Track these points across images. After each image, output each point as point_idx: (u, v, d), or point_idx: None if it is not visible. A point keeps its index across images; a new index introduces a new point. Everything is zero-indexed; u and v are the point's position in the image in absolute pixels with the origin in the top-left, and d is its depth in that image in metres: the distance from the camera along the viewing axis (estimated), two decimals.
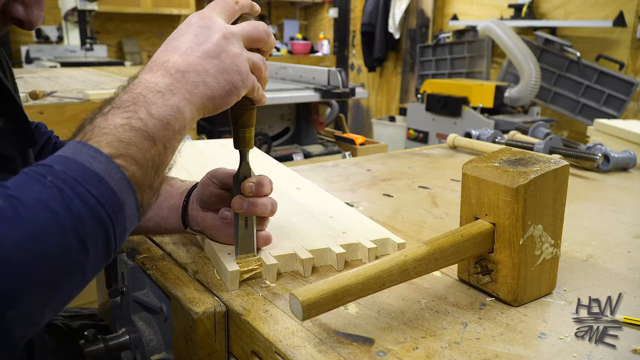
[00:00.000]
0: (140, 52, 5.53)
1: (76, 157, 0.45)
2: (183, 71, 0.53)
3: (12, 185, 0.41)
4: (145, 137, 0.48)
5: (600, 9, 3.53)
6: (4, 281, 0.37)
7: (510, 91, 3.40)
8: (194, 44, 0.55)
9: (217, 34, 0.56)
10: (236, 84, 0.56)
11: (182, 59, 0.54)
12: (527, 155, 0.64)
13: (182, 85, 0.53)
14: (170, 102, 0.51)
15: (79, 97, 2.16)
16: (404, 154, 1.45)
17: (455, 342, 0.55)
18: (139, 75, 0.53)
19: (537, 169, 0.59)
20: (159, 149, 0.50)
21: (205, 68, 0.54)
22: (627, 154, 1.31)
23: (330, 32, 6.36)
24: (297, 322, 0.58)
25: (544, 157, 0.63)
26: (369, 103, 5.73)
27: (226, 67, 0.55)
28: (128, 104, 0.49)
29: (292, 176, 1.07)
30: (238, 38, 0.57)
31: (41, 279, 0.40)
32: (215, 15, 0.58)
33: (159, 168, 0.51)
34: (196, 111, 0.54)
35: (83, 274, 0.44)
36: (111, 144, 0.46)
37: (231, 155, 1.22)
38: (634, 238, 0.86)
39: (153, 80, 0.52)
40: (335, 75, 2.77)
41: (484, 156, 0.65)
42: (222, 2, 0.60)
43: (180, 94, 0.52)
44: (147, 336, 0.74)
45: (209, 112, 0.57)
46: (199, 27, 0.56)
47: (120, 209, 0.46)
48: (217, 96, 0.55)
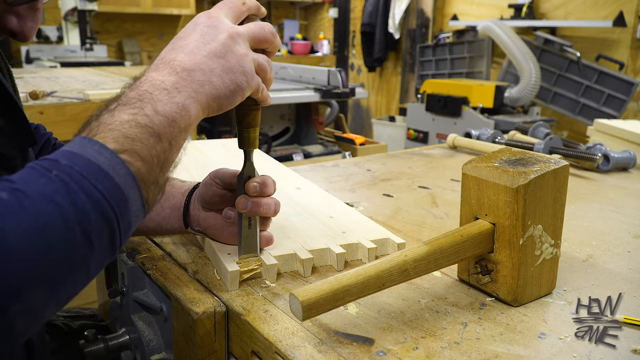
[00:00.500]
0: (140, 52, 5.53)
1: (81, 152, 0.45)
2: (189, 70, 0.54)
3: (17, 179, 0.41)
4: (151, 133, 0.49)
5: (600, 9, 3.53)
6: (8, 274, 0.37)
7: (510, 91, 3.40)
8: (200, 43, 0.55)
9: (223, 33, 0.56)
10: (241, 84, 0.57)
11: (189, 58, 0.54)
12: (527, 155, 0.64)
13: (188, 84, 0.53)
14: (176, 100, 0.52)
15: (79, 97, 2.16)
16: (404, 154, 1.45)
17: (455, 342, 0.55)
18: (145, 73, 0.54)
19: (537, 169, 0.59)
20: (165, 146, 0.50)
21: (211, 67, 0.55)
22: (627, 154, 1.31)
23: (330, 32, 6.36)
24: (297, 322, 0.58)
25: (544, 157, 0.63)
26: (369, 103, 5.73)
27: (232, 67, 0.56)
28: (134, 100, 0.50)
29: (292, 176, 1.07)
30: (244, 38, 0.58)
31: (45, 273, 0.40)
32: (223, 15, 0.58)
33: (164, 165, 0.51)
34: (201, 110, 0.54)
35: (87, 269, 0.44)
36: (116, 140, 0.47)
37: (232, 154, 1.23)
38: (634, 238, 0.86)
39: (159, 78, 0.52)
40: (335, 75, 2.77)
41: (484, 156, 0.65)
42: (230, 3, 0.60)
43: (186, 92, 0.53)
44: (147, 336, 0.74)
45: (214, 111, 0.57)
46: (205, 27, 0.57)
47: (124, 204, 0.46)
48: (222, 96, 0.56)
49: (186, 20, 5.85)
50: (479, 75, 4.05)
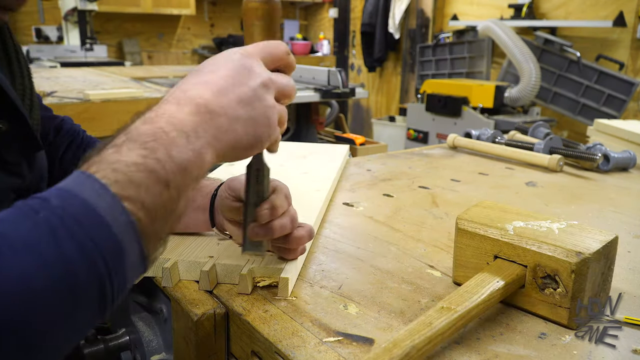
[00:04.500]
0: (140, 52, 5.53)
1: (78, 191, 0.39)
2: (213, 112, 0.48)
3: (0, 221, 0.37)
4: (159, 180, 0.43)
5: (600, 9, 3.53)
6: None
7: (510, 91, 3.40)
8: (230, 84, 0.50)
9: (257, 79, 0.51)
10: (262, 137, 0.52)
11: (216, 99, 0.48)
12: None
13: (209, 128, 0.47)
14: (193, 146, 0.45)
15: (79, 97, 2.16)
16: (404, 154, 1.45)
17: (455, 342, 0.55)
18: (161, 105, 0.47)
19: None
20: (172, 195, 0.44)
21: (238, 114, 0.49)
22: (627, 154, 1.31)
23: (330, 32, 6.36)
24: (297, 322, 0.58)
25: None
26: (369, 103, 5.73)
27: (257, 117, 0.51)
28: (147, 138, 0.43)
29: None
30: (275, 88, 0.53)
31: (22, 329, 0.34)
32: (259, 58, 0.54)
33: (169, 216, 0.45)
34: (216, 157, 0.49)
35: (72, 328, 0.38)
36: (119, 183, 0.40)
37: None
38: (634, 238, 0.86)
39: (179, 116, 0.46)
40: (335, 75, 2.77)
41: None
42: (273, 48, 0.55)
43: (205, 138, 0.47)
44: (147, 337, 0.74)
45: (227, 160, 0.52)
46: (240, 66, 0.51)
47: (121, 258, 0.40)
48: (240, 147, 0.50)
49: (186, 20, 5.86)
50: (479, 75, 4.05)
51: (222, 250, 0.71)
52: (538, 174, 1.26)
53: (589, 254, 0.55)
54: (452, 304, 0.53)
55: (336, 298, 0.64)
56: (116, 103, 2.20)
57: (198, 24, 6.04)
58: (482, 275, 0.59)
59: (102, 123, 2.09)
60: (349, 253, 0.77)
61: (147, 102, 2.05)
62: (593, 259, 0.56)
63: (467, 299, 0.55)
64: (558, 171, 1.27)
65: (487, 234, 0.63)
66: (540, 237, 0.59)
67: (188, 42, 6.01)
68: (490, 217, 0.65)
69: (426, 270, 0.72)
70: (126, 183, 0.41)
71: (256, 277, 0.66)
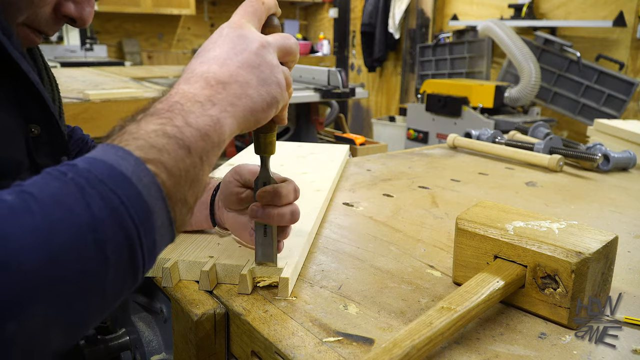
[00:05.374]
0: (140, 52, 5.53)
1: (103, 157, 0.41)
2: (225, 82, 0.49)
3: (28, 182, 0.37)
4: (180, 145, 0.44)
5: (600, 9, 3.53)
6: (5, 286, 0.32)
7: (510, 91, 3.40)
8: (232, 54, 0.51)
9: (254, 42, 0.52)
10: (276, 96, 0.53)
11: (223, 70, 0.50)
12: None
13: (223, 97, 0.49)
14: (209, 112, 0.47)
15: (79, 97, 2.17)
16: (404, 154, 1.45)
17: (456, 342, 0.55)
18: (174, 86, 0.49)
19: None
20: (195, 160, 0.45)
21: (247, 79, 0.51)
22: (627, 154, 1.31)
23: (330, 32, 6.36)
24: (297, 322, 0.58)
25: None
26: (369, 103, 5.73)
27: (267, 78, 0.52)
28: (163, 111, 0.45)
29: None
30: (274, 48, 0.54)
31: (49, 286, 0.34)
32: (246, 22, 0.55)
33: (194, 182, 0.45)
34: (237, 125, 0.50)
35: (102, 291, 0.38)
36: (141, 148, 0.42)
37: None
38: (634, 238, 0.86)
39: (191, 90, 0.48)
40: (335, 75, 2.77)
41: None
42: (249, 6, 0.56)
43: (221, 105, 0.48)
44: (147, 337, 0.74)
45: (251, 125, 0.53)
46: (234, 37, 0.53)
47: (148, 217, 0.40)
48: (259, 109, 0.52)
49: (186, 20, 5.86)
50: (479, 75, 4.05)
51: (222, 250, 0.71)
52: (538, 174, 1.26)
53: (589, 254, 0.55)
54: (452, 304, 0.53)
55: (336, 298, 0.64)
56: (116, 103, 2.20)
57: (198, 24, 6.04)
58: (482, 275, 0.59)
59: (102, 123, 2.09)
60: (349, 253, 0.77)
61: (147, 102, 2.05)
62: (593, 259, 0.56)
63: (467, 299, 0.55)
64: (558, 171, 1.27)
65: (487, 234, 0.63)
66: (540, 237, 0.59)
67: (188, 42, 6.02)
68: (490, 217, 0.65)
69: (426, 270, 0.72)
70: (148, 148, 0.42)
71: (256, 277, 0.66)
